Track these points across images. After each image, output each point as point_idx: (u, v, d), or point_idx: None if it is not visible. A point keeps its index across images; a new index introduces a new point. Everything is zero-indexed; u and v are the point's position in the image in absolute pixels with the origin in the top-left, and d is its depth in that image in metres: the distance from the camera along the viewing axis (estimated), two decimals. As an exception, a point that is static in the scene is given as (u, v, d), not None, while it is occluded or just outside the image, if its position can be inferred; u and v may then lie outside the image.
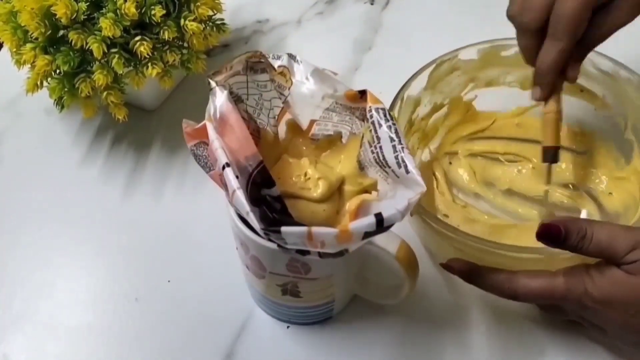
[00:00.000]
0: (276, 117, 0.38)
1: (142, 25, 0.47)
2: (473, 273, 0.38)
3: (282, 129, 0.39)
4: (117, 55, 0.45)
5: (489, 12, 0.65)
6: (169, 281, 0.46)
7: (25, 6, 0.44)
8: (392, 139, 0.33)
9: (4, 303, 0.45)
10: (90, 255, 0.48)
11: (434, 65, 0.47)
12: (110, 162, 0.53)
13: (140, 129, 0.55)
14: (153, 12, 0.45)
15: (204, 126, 0.33)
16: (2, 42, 0.47)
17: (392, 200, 0.33)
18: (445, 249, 0.41)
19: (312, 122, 0.38)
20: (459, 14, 0.65)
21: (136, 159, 0.53)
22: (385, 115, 0.34)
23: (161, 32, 0.46)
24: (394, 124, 0.33)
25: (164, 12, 0.46)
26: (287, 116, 0.39)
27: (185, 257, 0.47)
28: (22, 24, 0.45)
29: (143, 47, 0.45)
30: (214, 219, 0.46)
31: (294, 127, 0.39)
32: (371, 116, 0.34)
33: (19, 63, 0.47)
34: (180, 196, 0.51)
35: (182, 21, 0.47)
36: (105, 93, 0.47)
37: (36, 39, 0.45)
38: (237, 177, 0.31)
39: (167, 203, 0.50)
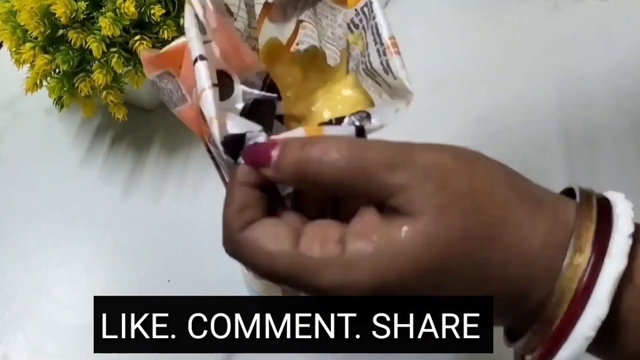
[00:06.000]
0: (257, 17, 0.31)
1: (142, 25, 0.47)
2: None
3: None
4: (116, 55, 0.45)
5: (488, 10, 0.66)
6: (168, 281, 0.46)
7: (25, 5, 0.44)
8: (375, 41, 0.26)
9: (4, 303, 0.45)
10: (90, 255, 0.48)
11: None
12: (110, 162, 0.53)
13: (140, 128, 0.55)
14: (152, 11, 0.45)
15: (173, 51, 0.27)
16: (2, 42, 0.47)
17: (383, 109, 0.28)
18: None
19: (299, 23, 0.32)
20: (458, 13, 0.65)
21: (136, 158, 0.53)
22: (372, 12, 0.27)
23: (161, 31, 0.46)
24: (374, 18, 0.27)
25: (164, 11, 0.46)
26: (267, 24, 0.32)
27: (185, 257, 0.47)
28: (22, 23, 0.45)
29: (142, 47, 0.45)
30: (214, 219, 0.46)
31: (275, 48, 0.32)
32: (360, 20, 0.28)
33: (19, 62, 0.46)
34: (180, 196, 0.51)
35: (181, 20, 0.47)
36: (104, 92, 0.47)
37: (35, 38, 0.45)
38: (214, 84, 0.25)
39: (167, 203, 0.50)
